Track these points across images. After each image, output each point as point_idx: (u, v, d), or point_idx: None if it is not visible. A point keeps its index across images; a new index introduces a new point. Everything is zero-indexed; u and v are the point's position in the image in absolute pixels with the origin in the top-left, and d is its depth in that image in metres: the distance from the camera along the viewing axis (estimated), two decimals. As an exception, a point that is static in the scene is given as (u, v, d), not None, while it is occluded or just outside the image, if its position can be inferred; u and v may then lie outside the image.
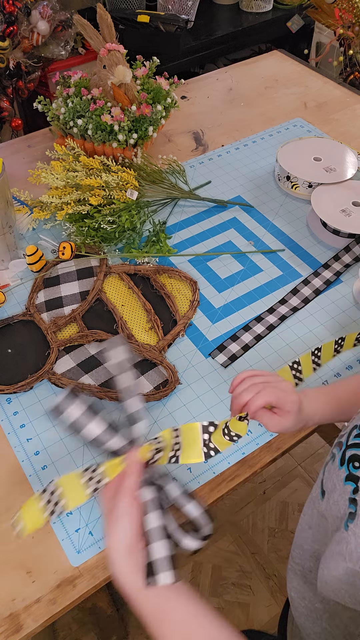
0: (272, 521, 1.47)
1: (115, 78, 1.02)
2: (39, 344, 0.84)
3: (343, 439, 0.56)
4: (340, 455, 0.54)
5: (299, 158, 1.11)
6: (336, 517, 0.52)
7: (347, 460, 0.52)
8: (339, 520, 0.51)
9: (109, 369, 0.58)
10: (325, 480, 0.57)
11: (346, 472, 0.52)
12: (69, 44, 1.71)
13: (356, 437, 0.53)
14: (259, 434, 0.75)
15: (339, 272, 0.96)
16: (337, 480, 0.53)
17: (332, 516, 0.53)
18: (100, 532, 0.66)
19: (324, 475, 0.57)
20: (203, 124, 1.31)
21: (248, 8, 2.15)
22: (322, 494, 0.56)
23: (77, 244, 0.96)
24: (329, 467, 0.56)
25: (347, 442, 0.54)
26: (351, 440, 0.54)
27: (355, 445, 0.53)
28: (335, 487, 0.53)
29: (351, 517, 0.48)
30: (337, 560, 0.49)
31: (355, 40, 1.78)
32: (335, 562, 0.49)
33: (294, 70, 1.50)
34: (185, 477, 0.71)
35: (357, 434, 0.53)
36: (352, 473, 0.51)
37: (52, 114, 1.06)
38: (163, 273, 0.95)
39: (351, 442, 0.54)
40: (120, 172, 0.98)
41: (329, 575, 0.50)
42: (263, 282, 0.95)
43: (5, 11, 1.48)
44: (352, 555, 0.47)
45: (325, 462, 0.59)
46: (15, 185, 1.09)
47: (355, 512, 0.48)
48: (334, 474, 0.54)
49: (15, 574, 0.63)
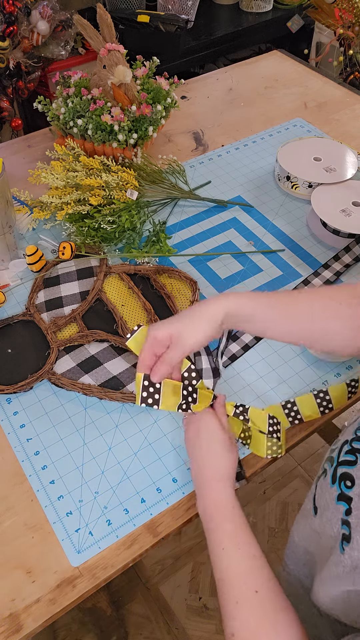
0: (272, 521, 1.47)
1: (115, 78, 1.02)
2: (39, 344, 0.84)
3: (334, 454, 0.55)
4: (332, 473, 0.54)
5: (299, 158, 1.11)
6: (329, 535, 0.51)
7: (339, 478, 0.52)
8: (332, 539, 0.51)
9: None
10: (317, 497, 0.56)
11: (338, 491, 0.51)
12: (69, 44, 1.71)
13: (347, 454, 0.53)
14: (259, 434, 0.76)
15: (339, 272, 0.96)
16: (330, 499, 0.53)
17: (325, 534, 0.53)
18: (100, 532, 0.66)
19: (316, 490, 0.57)
20: (203, 124, 1.31)
21: (248, 8, 2.15)
22: (315, 510, 0.56)
23: (77, 244, 0.96)
24: (321, 483, 0.56)
25: (337, 458, 0.54)
26: (342, 457, 0.53)
27: (346, 462, 0.52)
28: (328, 506, 0.53)
29: (345, 539, 0.48)
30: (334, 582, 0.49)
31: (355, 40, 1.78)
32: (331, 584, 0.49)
33: (294, 70, 1.50)
34: (185, 477, 0.71)
35: (347, 450, 0.53)
36: (344, 493, 0.50)
37: (52, 114, 1.06)
38: (163, 273, 0.95)
39: (342, 459, 0.53)
40: (120, 172, 0.98)
41: (323, 594, 0.51)
42: (263, 282, 0.95)
43: (5, 11, 1.48)
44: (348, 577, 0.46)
45: (317, 476, 0.59)
46: (15, 185, 1.09)
47: (349, 535, 0.48)
48: (326, 491, 0.54)
49: (15, 574, 0.63)
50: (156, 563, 1.40)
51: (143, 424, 0.76)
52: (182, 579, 1.38)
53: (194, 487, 0.65)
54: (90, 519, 0.67)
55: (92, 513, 0.68)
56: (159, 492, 0.70)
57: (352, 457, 0.52)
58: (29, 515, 0.68)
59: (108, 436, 0.74)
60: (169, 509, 0.68)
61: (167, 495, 0.69)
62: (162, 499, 0.69)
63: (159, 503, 0.69)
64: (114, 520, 0.67)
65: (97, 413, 0.77)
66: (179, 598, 1.35)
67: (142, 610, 1.31)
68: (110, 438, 0.74)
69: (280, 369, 0.82)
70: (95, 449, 0.73)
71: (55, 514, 0.68)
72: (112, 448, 0.73)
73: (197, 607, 1.33)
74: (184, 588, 1.36)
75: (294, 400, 0.76)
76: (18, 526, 0.67)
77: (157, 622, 1.29)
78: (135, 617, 1.30)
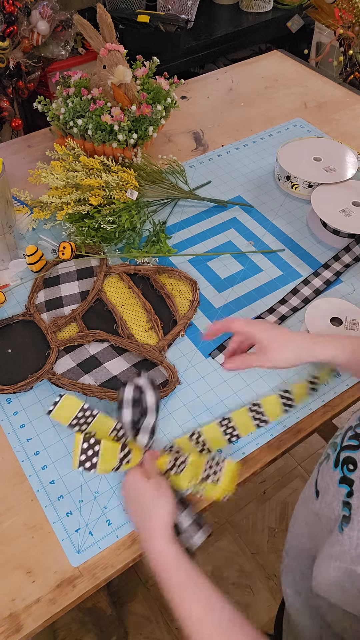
0: (272, 521, 1.47)
1: (115, 78, 1.02)
2: (39, 344, 0.84)
3: (338, 439, 0.56)
4: (335, 457, 0.54)
5: (299, 158, 1.11)
6: (330, 518, 0.52)
7: (342, 462, 0.53)
8: (332, 522, 0.51)
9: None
10: (319, 481, 0.57)
11: (340, 475, 0.52)
12: (69, 44, 1.71)
13: (351, 439, 0.53)
14: (259, 434, 0.75)
15: (339, 272, 0.96)
16: (331, 482, 0.53)
17: (325, 517, 0.53)
18: (100, 532, 0.66)
19: (318, 475, 0.58)
20: (203, 124, 1.31)
21: (248, 8, 2.15)
22: (317, 494, 0.57)
23: (77, 244, 0.96)
24: (323, 468, 0.57)
25: (341, 443, 0.54)
26: (346, 442, 0.54)
27: (349, 447, 0.53)
28: (329, 489, 0.53)
29: (345, 520, 0.49)
30: (330, 562, 0.49)
31: (355, 40, 1.78)
32: (327, 564, 0.50)
33: (294, 70, 1.50)
34: (185, 477, 0.71)
35: (351, 436, 0.54)
36: (346, 476, 0.51)
37: (52, 114, 1.06)
38: (163, 273, 0.95)
39: (345, 444, 0.54)
40: (120, 172, 0.98)
41: (321, 577, 0.51)
42: (263, 282, 0.95)
43: (5, 11, 1.47)
44: (346, 556, 0.47)
45: (319, 461, 0.59)
46: (15, 185, 1.09)
47: (349, 516, 0.48)
48: (328, 475, 0.55)
49: (15, 574, 0.63)
50: (156, 563, 1.40)
51: (143, 424, 0.76)
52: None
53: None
54: (90, 519, 0.67)
55: (92, 513, 0.68)
56: (159, 492, 0.70)
57: (355, 442, 0.52)
58: (29, 515, 0.68)
59: (108, 436, 0.74)
60: (169, 509, 0.68)
61: (167, 495, 0.69)
62: (162, 499, 0.69)
63: (159, 503, 0.68)
64: (114, 520, 0.67)
65: (97, 413, 0.77)
66: (179, 598, 1.35)
67: (142, 610, 1.31)
68: (110, 438, 0.74)
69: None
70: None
71: (55, 514, 0.68)
72: (112, 448, 0.73)
73: (197, 607, 1.33)
74: (184, 588, 1.36)
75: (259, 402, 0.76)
76: (18, 526, 0.67)
77: (157, 622, 1.29)
78: (135, 617, 1.30)
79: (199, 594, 0.55)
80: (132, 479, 0.63)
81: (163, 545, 0.58)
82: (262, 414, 0.75)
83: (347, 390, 0.81)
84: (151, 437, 0.67)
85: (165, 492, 0.61)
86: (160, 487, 0.62)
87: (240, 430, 0.74)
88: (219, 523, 1.46)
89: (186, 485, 0.64)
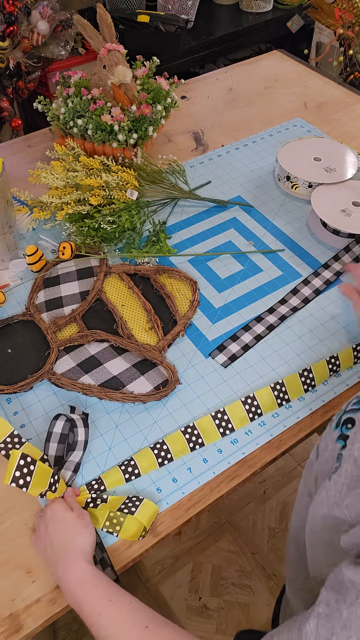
0: (272, 521, 1.47)
1: (115, 78, 1.02)
2: (39, 344, 0.84)
3: (344, 405, 0.59)
4: (337, 419, 0.57)
5: (299, 158, 1.11)
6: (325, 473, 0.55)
7: (342, 422, 0.55)
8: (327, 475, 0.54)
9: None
10: (321, 443, 0.60)
11: (339, 433, 0.55)
12: (69, 44, 1.71)
13: (355, 404, 0.56)
14: (259, 433, 0.76)
15: (339, 272, 0.96)
16: (330, 440, 0.56)
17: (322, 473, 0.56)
18: (100, 532, 0.66)
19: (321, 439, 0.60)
20: (203, 124, 1.31)
21: (248, 8, 2.15)
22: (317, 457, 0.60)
23: (77, 244, 0.96)
24: (326, 432, 0.60)
25: (346, 408, 0.57)
26: (350, 407, 0.56)
27: (352, 410, 0.56)
28: (328, 447, 0.56)
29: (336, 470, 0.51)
30: (317, 508, 0.52)
31: (355, 40, 1.77)
32: (314, 511, 0.52)
33: (294, 70, 1.50)
34: (185, 477, 0.71)
35: (356, 401, 0.56)
36: (343, 433, 0.54)
37: (52, 114, 1.06)
38: (163, 273, 0.95)
39: (349, 408, 0.56)
40: (120, 172, 0.98)
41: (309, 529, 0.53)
42: (263, 282, 0.95)
43: (5, 11, 1.47)
44: (330, 501, 0.50)
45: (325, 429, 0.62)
46: (15, 185, 1.09)
47: (339, 466, 0.51)
48: (329, 435, 0.58)
49: (15, 574, 0.63)
50: (156, 563, 1.40)
51: (143, 424, 0.76)
52: (182, 579, 1.38)
53: (57, 582, 0.61)
54: (90, 519, 0.67)
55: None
56: (159, 492, 0.70)
57: (358, 406, 0.55)
58: (29, 515, 0.68)
59: (108, 436, 0.74)
60: (168, 509, 0.68)
61: (167, 495, 0.69)
62: (162, 499, 0.69)
63: (158, 503, 0.69)
64: (114, 520, 0.67)
65: (97, 413, 0.77)
66: (178, 598, 1.35)
67: (142, 610, 1.31)
68: (110, 438, 0.74)
69: (280, 369, 0.82)
70: (95, 449, 0.73)
71: (55, 514, 0.68)
72: (112, 448, 0.73)
73: (197, 607, 1.33)
74: (183, 588, 1.36)
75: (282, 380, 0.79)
76: (18, 526, 0.67)
77: (157, 622, 1.29)
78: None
79: (121, 599, 0.56)
80: (55, 508, 0.63)
81: (85, 566, 0.58)
82: (312, 379, 0.79)
83: (347, 390, 0.81)
84: (73, 475, 0.69)
85: (87, 523, 0.62)
86: (84, 519, 0.63)
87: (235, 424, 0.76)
88: (219, 523, 1.46)
89: (104, 517, 0.65)
